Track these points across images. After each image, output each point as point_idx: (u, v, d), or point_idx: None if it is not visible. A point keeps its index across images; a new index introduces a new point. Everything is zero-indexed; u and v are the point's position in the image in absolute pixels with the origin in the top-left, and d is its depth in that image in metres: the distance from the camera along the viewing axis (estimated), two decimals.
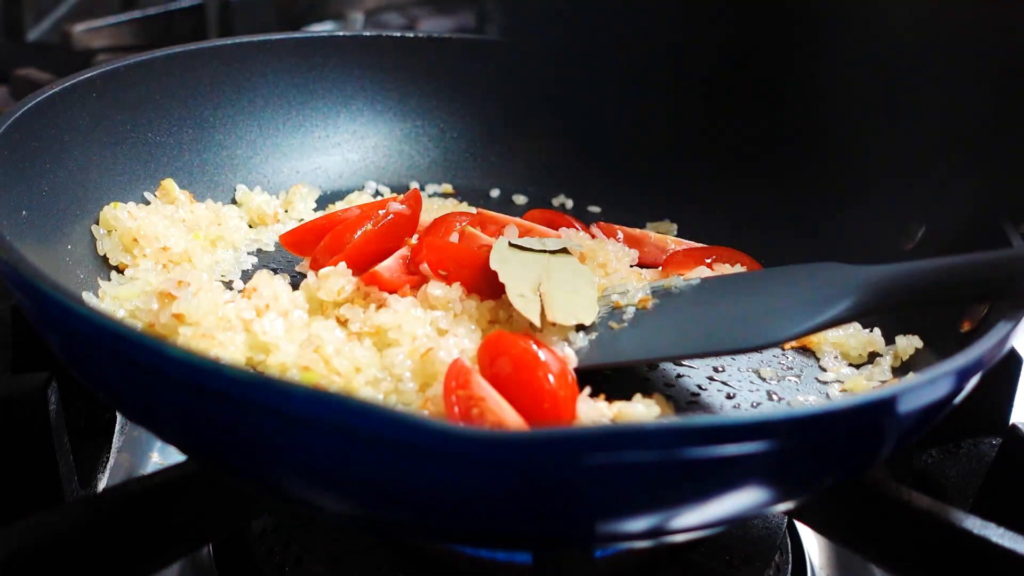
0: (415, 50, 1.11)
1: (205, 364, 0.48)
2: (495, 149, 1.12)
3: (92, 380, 0.60)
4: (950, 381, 0.56)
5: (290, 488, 0.55)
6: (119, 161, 0.91)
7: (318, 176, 1.07)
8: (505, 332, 0.73)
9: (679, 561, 0.69)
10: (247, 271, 0.90)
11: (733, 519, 0.64)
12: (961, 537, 0.62)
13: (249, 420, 0.49)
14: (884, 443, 0.56)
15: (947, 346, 0.75)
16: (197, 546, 0.69)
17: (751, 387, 0.78)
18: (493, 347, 0.70)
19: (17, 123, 0.77)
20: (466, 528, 0.55)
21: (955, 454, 0.82)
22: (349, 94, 1.09)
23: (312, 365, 0.71)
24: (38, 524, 0.57)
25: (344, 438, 0.47)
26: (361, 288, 0.80)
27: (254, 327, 0.74)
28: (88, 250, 0.84)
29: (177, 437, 0.58)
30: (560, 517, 0.50)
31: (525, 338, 0.71)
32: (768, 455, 0.49)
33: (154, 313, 0.74)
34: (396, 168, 1.10)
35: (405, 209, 0.88)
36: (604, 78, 1.09)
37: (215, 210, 0.95)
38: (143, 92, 0.94)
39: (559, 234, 0.92)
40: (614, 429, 0.46)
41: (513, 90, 1.12)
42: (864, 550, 0.69)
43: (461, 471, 0.47)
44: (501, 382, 0.67)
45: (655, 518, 0.52)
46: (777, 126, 1.00)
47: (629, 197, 1.09)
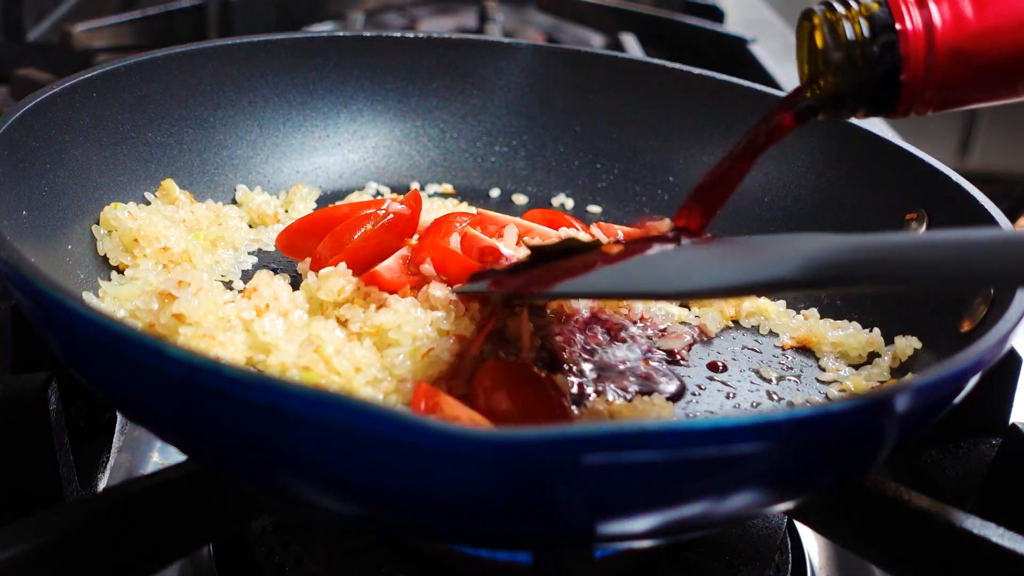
0: (415, 50, 1.11)
1: (205, 364, 0.48)
2: (495, 149, 1.12)
3: (92, 380, 0.60)
4: (950, 381, 0.56)
5: (290, 488, 0.55)
6: (119, 161, 0.91)
7: (318, 176, 1.07)
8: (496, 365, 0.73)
9: (679, 561, 0.69)
10: (247, 271, 0.90)
11: (733, 519, 0.64)
12: (961, 537, 0.62)
13: (249, 420, 0.49)
14: (884, 443, 0.56)
15: (947, 346, 0.75)
16: (197, 546, 0.69)
17: (751, 387, 0.78)
18: (488, 379, 0.70)
19: (17, 123, 0.77)
20: (466, 528, 0.55)
21: (955, 454, 0.82)
22: (349, 94, 1.09)
23: (312, 365, 0.71)
24: (38, 524, 0.57)
25: (344, 438, 0.47)
26: (361, 288, 0.80)
27: (254, 327, 0.74)
28: (88, 250, 0.84)
29: (177, 437, 0.58)
30: (560, 517, 0.50)
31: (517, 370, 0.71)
32: (768, 455, 0.49)
33: (154, 313, 0.74)
34: (396, 168, 1.10)
35: (405, 209, 0.88)
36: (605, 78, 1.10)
37: (215, 210, 0.95)
38: (143, 92, 0.94)
39: (559, 235, 0.92)
40: (614, 429, 0.46)
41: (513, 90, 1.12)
42: (864, 550, 0.69)
43: (461, 471, 0.47)
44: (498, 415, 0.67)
45: (655, 518, 0.52)
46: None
47: (629, 197, 1.09)
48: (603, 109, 1.11)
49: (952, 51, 0.63)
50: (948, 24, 0.63)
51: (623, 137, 1.11)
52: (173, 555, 0.65)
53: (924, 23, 0.63)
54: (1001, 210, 0.78)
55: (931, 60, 0.63)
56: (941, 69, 0.63)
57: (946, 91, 0.64)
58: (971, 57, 0.63)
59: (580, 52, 1.15)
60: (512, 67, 1.12)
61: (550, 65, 1.12)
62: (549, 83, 1.12)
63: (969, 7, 0.63)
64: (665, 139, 1.09)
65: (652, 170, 1.09)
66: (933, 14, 0.63)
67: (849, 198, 0.95)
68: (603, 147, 1.11)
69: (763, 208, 1.02)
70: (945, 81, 0.64)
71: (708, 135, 1.07)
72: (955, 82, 0.64)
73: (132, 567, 0.61)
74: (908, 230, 0.88)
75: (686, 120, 1.08)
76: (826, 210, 0.96)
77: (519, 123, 1.13)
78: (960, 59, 0.63)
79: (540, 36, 1.84)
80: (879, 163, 0.93)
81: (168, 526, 0.63)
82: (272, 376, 0.55)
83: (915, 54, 0.63)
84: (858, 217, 0.94)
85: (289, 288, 0.80)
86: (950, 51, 0.63)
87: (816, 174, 0.99)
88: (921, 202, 0.87)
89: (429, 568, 0.67)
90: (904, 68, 0.64)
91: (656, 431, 0.46)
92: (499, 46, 1.13)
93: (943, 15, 0.63)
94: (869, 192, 0.93)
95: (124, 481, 0.63)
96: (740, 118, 1.04)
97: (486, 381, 0.70)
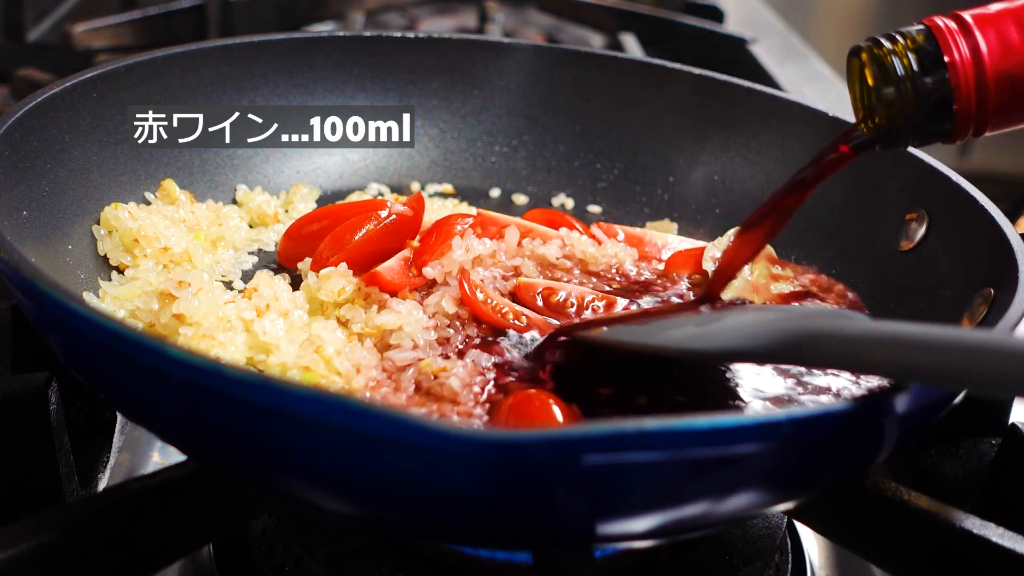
0: (415, 50, 1.11)
1: (205, 364, 0.48)
2: (495, 149, 1.12)
3: (92, 380, 0.60)
4: None
5: (290, 488, 0.55)
6: (120, 161, 0.91)
7: (318, 176, 1.07)
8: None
9: (679, 561, 0.69)
10: (247, 271, 0.90)
11: (733, 519, 0.64)
12: (961, 537, 0.62)
13: (249, 420, 0.49)
14: (884, 443, 0.56)
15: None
16: (197, 546, 0.69)
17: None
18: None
19: (18, 123, 0.77)
20: (466, 528, 0.55)
21: (955, 454, 0.82)
22: (349, 94, 1.09)
23: (312, 365, 0.71)
24: (38, 524, 0.57)
25: (344, 438, 0.47)
26: (362, 289, 0.80)
27: (254, 327, 0.74)
28: (89, 250, 0.84)
29: (177, 437, 0.58)
30: (560, 517, 0.50)
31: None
32: (769, 455, 0.49)
33: (155, 313, 0.74)
34: (396, 168, 1.10)
35: (407, 211, 0.88)
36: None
37: (216, 210, 0.95)
38: (143, 92, 0.94)
39: (560, 235, 0.92)
40: (614, 429, 0.46)
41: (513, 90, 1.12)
42: (864, 550, 0.69)
43: (461, 471, 0.47)
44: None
45: (655, 518, 0.52)
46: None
47: (629, 197, 1.09)
48: (603, 109, 1.11)
49: (1002, 76, 0.63)
50: (995, 51, 0.63)
51: (623, 137, 1.11)
52: (173, 555, 0.65)
53: (971, 52, 0.63)
54: (1001, 210, 0.78)
55: (982, 88, 0.63)
56: (993, 95, 0.63)
57: (999, 115, 0.64)
58: (1021, 80, 0.63)
59: (580, 52, 1.14)
60: (512, 67, 1.12)
61: (550, 65, 1.12)
62: (549, 83, 1.12)
63: (1015, 31, 0.63)
64: (665, 139, 1.09)
65: (652, 170, 1.09)
66: (979, 42, 0.63)
67: (849, 198, 0.95)
68: (603, 147, 1.11)
69: None
70: (998, 106, 0.64)
71: (708, 135, 1.07)
72: (1008, 106, 0.64)
73: (132, 567, 0.61)
74: (908, 230, 0.88)
75: (686, 120, 1.08)
76: (826, 210, 0.96)
77: (519, 123, 1.13)
78: (1010, 83, 0.63)
79: (540, 36, 1.84)
80: (879, 163, 0.93)
81: (168, 526, 0.63)
82: (272, 376, 0.55)
83: (965, 84, 0.64)
84: (858, 217, 0.94)
85: (289, 288, 0.80)
86: (1000, 77, 0.63)
87: None
88: (921, 202, 0.87)
89: (429, 568, 0.67)
90: (956, 98, 0.64)
91: (656, 431, 0.46)
92: (499, 46, 1.13)
93: (989, 42, 0.63)
94: (869, 192, 0.93)
95: (124, 481, 0.63)
96: (740, 118, 1.05)
97: (507, 413, 0.70)
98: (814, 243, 0.96)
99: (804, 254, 0.97)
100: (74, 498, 0.70)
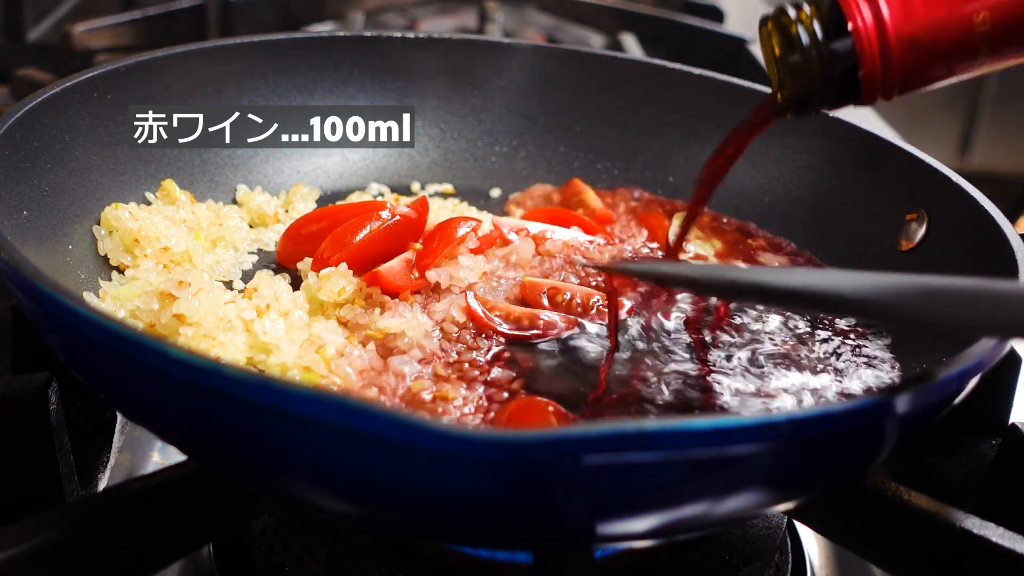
0: (415, 50, 1.11)
1: (205, 364, 0.48)
2: (495, 149, 1.12)
3: (92, 380, 0.60)
4: (950, 382, 0.56)
5: (290, 488, 0.55)
6: (120, 161, 0.91)
7: (318, 176, 1.07)
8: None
9: (679, 561, 0.69)
10: (247, 271, 0.90)
11: (733, 519, 0.64)
12: (961, 537, 0.62)
13: (249, 420, 0.49)
14: (884, 443, 0.56)
15: (947, 346, 0.75)
16: (197, 546, 0.69)
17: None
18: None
19: (18, 123, 0.77)
20: (466, 528, 0.55)
21: (955, 454, 0.82)
22: (349, 94, 1.09)
23: (313, 365, 0.71)
24: (38, 524, 0.57)
25: (344, 438, 0.47)
26: (363, 289, 0.80)
27: (255, 327, 0.74)
28: (89, 250, 0.84)
29: (177, 437, 0.58)
30: (560, 517, 0.50)
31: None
32: (769, 455, 0.49)
33: (155, 313, 0.74)
34: (396, 168, 1.10)
35: (411, 213, 0.88)
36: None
37: (216, 210, 0.95)
38: (143, 92, 0.94)
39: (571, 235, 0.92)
40: (614, 430, 0.46)
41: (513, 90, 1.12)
42: (864, 550, 0.69)
43: (461, 471, 0.47)
44: None
45: (655, 518, 0.52)
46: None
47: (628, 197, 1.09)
48: (603, 109, 1.11)
49: (905, 40, 0.63)
50: (897, 16, 0.63)
51: (623, 137, 1.11)
52: (173, 555, 0.65)
53: (874, 17, 0.63)
54: (1001, 210, 0.78)
55: (886, 52, 0.64)
56: (897, 59, 0.64)
57: (906, 77, 0.65)
58: (924, 43, 0.63)
59: (580, 52, 1.15)
60: (512, 67, 1.12)
61: (550, 65, 1.12)
62: (549, 83, 1.12)
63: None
64: (665, 139, 1.09)
65: (652, 170, 1.09)
66: (882, 8, 0.63)
67: (849, 198, 0.95)
68: (603, 147, 1.11)
69: (763, 208, 1.02)
70: (904, 69, 0.64)
71: (708, 135, 1.06)
72: (913, 68, 0.64)
73: (132, 567, 0.61)
74: (908, 230, 0.88)
75: (686, 120, 1.08)
76: (826, 210, 0.96)
77: (519, 123, 1.13)
78: (914, 47, 0.63)
79: (540, 36, 1.84)
80: (879, 163, 0.93)
81: (168, 526, 0.63)
82: (273, 376, 0.55)
83: (870, 49, 0.64)
84: (858, 217, 0.94)
85: (289, 288, 0.80)
86: (903, 41, 0.63)
87: (816, 174, 0.99)
88: (921, 202, 0.87)
89: (429, 568, 0.67)
90: (861, 64, 0.65)
91: (656, 432, 0.46)
92: (499, 46, 1.13)
93: (892, 8, 0.63)
94: (869, 192, 0.93)
95: (124, 481, 0.63)
96: (740, 118, 1.04)
97: (508, 419, 0.70)
98: (814, 243, 0.96)
99: (807, 245, 0.97)
100: (74, 498, 0.70)
